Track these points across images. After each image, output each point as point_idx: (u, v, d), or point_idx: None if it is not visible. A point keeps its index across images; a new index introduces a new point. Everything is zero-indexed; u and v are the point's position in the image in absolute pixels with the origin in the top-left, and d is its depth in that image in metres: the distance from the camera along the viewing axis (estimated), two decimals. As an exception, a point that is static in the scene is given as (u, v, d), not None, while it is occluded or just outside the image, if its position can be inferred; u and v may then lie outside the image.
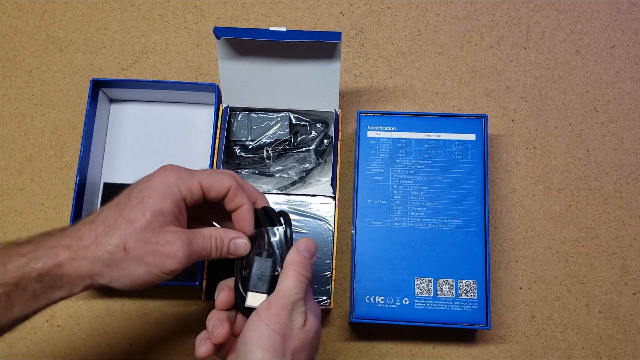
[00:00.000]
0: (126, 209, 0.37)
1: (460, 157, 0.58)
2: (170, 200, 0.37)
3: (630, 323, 0.59)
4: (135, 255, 0.36)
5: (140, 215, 0.36)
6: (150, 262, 0.37)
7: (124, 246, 0.36)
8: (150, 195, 0.37)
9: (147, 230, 0.36)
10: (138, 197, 0.37)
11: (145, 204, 0.36)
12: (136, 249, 0.36)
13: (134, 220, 0.36)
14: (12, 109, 0.66)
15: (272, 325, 0.37)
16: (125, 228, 0.36)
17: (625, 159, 0.63)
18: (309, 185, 0.60)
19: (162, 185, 0.37)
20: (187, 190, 0.38)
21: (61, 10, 0.69)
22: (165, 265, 0.37)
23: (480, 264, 0.55)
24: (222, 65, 0.57)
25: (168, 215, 0.37)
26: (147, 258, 0.36)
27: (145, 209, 0.36)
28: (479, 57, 0.67)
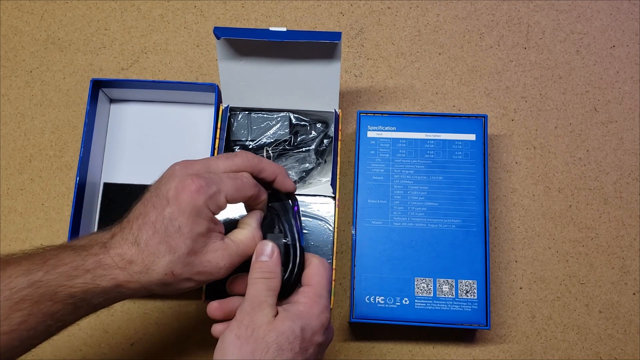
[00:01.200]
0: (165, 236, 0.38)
1: (460, 157, 0.58)
2: (204, 222, 0.38)
3: (630, 323, 0.59)
4: (184, 278, 0.39)
5: (182, 244, 0.38)
6: (198, 279, 0.39)
7: (172, 272, 0.38)
8: (185, 223, 0.38)
9: (190, 255, 0.38)
10: (174, 225, 0.38)
11: (183, 232, 0.38)
12: (183, 273, 0.38)
13: (177, 249, 0.38)
14: (12, 109, 0.66)
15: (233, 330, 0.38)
16: (170, 257, 0.38)
17: (625, 159, 0.63)
18: (309, 185, 0.60)
19: (193, 210, 0.38)
20: (215, 207, 0.39)
21: (61, 11, 0.69)
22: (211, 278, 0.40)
23: (480, 264, 0.55)
24: (222, 66, 0.57)
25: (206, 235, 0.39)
26: (194, 277, 0.39)
27: (185, 238, 0.38)
28: (479, 57, 0.67)
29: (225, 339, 0.38)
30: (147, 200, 0.39)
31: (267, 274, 0.41)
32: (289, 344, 0.38)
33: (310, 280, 0.42)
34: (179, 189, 0.38)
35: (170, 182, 0.39)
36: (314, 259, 0.43)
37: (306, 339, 0.39)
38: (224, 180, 0.40)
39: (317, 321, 0.40)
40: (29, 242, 0.61)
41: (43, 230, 0.62)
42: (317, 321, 0.40)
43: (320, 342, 0.40)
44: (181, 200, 0.38)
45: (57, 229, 0.62)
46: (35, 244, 0.61)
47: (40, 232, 0.62)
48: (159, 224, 0.38)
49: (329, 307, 0.42)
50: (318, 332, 0.40)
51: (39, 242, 0.62)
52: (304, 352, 0.39)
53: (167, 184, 0.39)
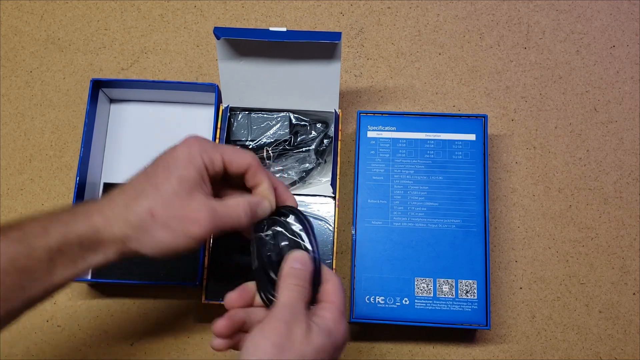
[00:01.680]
0: (153, 176, 0.39)
1: (460, 157, 0.58)
2: (193, 168, 0.39)
3: (630, 323, 0.59)
4: (161, 221, 0.37)
5: (166, 181, 0.38)
6: (175, 227, 0.38)
7: (151, 212, 0.37)
8: (175, 163, 0.39)
9: (172, 196, 0.38)
10: (164, 165, 0.39)
11: (170, 170, 0.38)
12: (162, 214, 0.37)
13: (160, 185, 0.38)
14: (12, 109, 0.66)
15: (270, 337, 0.36)
16: (152, 193, 0.38)
17: (625, 159, 0.63)
18: (309, 185, 0.60)
19: (186, 154, 0.39)
20: (209, 160, 0.40)
21: (61, 11, 0.69)
22: (189, 230, 0.38)
23: (480, 264, 0.55)
24: (222, 66, 0.57)
25: (192, 182, 0.39)
26: (172, 223, 0.38)
27: (170, 175, 0.38)
28: (479, 57, 0.67)
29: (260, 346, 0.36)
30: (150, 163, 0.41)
31: (302, 282, 0.40)
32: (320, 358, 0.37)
33: (332, 297, 0.41)
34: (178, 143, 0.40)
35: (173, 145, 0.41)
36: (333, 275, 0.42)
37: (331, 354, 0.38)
38: (224, 146, 0.42)
39: (342, 340, 0.39)
40: (29, 242, 0.61)
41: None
42: (342, 340, 0.39)
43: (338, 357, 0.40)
44: (177, 148, 0.40)
45: (57, 229, 0.62)
46: (35, 244, 0.61)
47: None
48: (150, 170, 0.39)
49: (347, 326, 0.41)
50: (340, 349, 0.39)
51: (39, 242, 0.62)
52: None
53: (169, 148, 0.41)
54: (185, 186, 0.38)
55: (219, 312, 0.60)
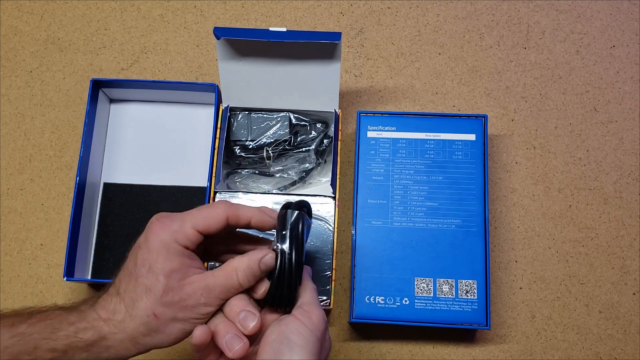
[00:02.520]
0: (140, 277, 0.38)
1: (460, 157, 0.58)
2: (175, 257, 0.38)
3: (630, 323, 0.59)
4: (167, 318, 0.38)
5: (155, 282, 0.37)
6: (182, 317, 0.38)
7: (154, 314, 0.37)
8: (155, 260, 0.38)
9: (167, 293, 0.37)
10: (145, 266, 0.38)
11: (154, 270, 0.38)
12: (165, 313, 0.38)
13: (152, 288, 0.37)
14: (12, 109, 0.66)
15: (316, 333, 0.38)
16: (147, 298, 0.37)
17: (625, 159, 0.63)
18: (309, 185, 0.60)
19: (161, 247, 0.38)
20: (185, 239, 0.38)
21: (61, 11, 0.69)
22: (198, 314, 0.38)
23: (480, 264, 0.55)
24: (222, 66, 0.57)
25: (180, 270, 0.38)
26: (178, 315, 0.38)
27: (157, 276, 0.37)
28: (479, 57, 0.67)
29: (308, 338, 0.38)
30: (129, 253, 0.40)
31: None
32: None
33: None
34: (147, 232, 0.39)
35: (144, 232, 0.39)
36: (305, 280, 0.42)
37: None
38: (190, 213, 0.39)
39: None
40: (29, 242, 0.62)
41: (43, 230, 0.62)
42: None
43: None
44: (149, 241, 0.38)
45: (57, 229, 0.62)
46: (35, 244, 0.61)
47: (40, 232, 0.62)
48: (132, 270, 0.38)
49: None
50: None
51: (39, 242, 0.62)
52: None
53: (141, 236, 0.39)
54: (176, 277, 0.38)
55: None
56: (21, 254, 0.61)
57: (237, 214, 0.40)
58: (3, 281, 0.60)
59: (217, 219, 0.39)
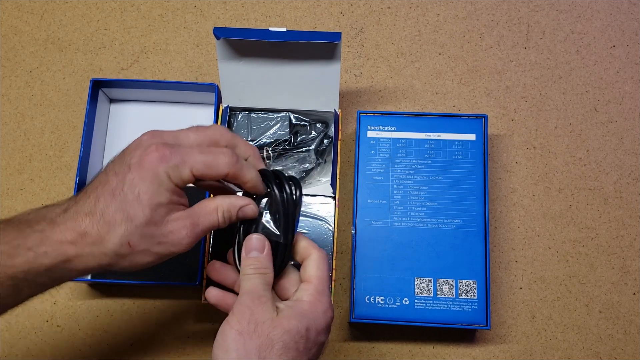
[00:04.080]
0: (124, 203, 0.36)
1: (460, 157, 0.58)
2: (165, 193, 0.37)
3: (630, 323, 0.59)
4: (141, 250, 0.37)
5: (140, 212, 0.36)
6: (157, 251, 0.37)
7: (129, 243, 0.36)
8: (146, 191, 0.36)
9: (149, 226, 0.36)
10: (133, 192, 0.36)
11: (142, 201, 0.36)
12: (141, 244, 0.36)
13: (134, 217, 0.36)
14: (12, 109, 0.66)
15: (234, 326, 0.36)
16: (126, 226, 0.36)
17: (625, 159, 0.63)
18: (309, 185, 0.60)
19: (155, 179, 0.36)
20: (179, 180, 0.37)
21: (61, 10, 0.69)
22: (172, 251, 0.38)
23: (480, 264, 0.55)
24: (222, 66, 0.57)
25: (167, 206, 0.37)
26: (153, 249, 0.37)
27: (144, 206, 0.36)
28: (479, 57, 0.67)
29: (227, 335, 0.36)
30: (109, 168, 0.38)
31: (261, 270, 0.39)
32: (295, 343, 0.36)
33: (311, 277, 0.40)
34: (142, 156, 0.36)
35: (135, 150, 0.37)
36: (314, 251, 0.41)
37: (311, 339, 0.38)
38: (192, 153, 0.37)
39: (322, 321, 0.39)
40: (28, 242, 0.61)
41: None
42: (322, 321, 0.39)
43: (324, 340, 0.39)
44: (143, 167, 0.36)
45: (57, 229, 0.62)
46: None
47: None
48: (117, 190, 0.36)
49: (331, 304, 0.40)
50: (322, 332, 0.39)
51: (38, 242, 0.62)
52: (307, 352, 0.37)
53: (131, 153, 0.37)
54: (161, 212, 0.36)
55: (219, 312, 0.60)
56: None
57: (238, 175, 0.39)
58: (3, 281, 0.60)
59: (217, 172, 0.38)
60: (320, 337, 0.39)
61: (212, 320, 0.59)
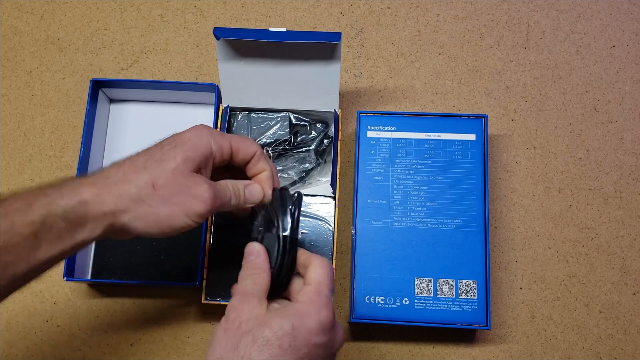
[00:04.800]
0: (157, 153, 0.38)
1: (460, 157, 0.58)
2: (201, 152, 0.39)
3: (630, 323, 0.59)
4: (163, 194, 0.37)
5: (172, 158, 0.38)
6: (176, 201, 0.37)
7: (153, 184, 0.37)
8: (183, 143, 0.39)
9: (176, 172, 0.38)
10: (171, 144, 0.39)
11: (178, 149, 0.38)
12: (164, 187, 0.37)
13: (164, 161, 0.38)
14: (12, 109, 0.66)
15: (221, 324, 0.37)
16: (154, 168, 0.37)
17: (625, 159, 0.63)
18: (309, 185, 0.60)
19: (195, 137, 0.40)
20: (218, 146, 0.40)
21: (61, 11, 0.69)
22: (191, 206, 0.38)
23: (480, 264, 0.55)
24: (222, 66, 0.57)
25: (197, 163, 0.39)
26: (174, 198, 0.37)
27: (177, 154, 0.38)
28: (479, 57, 0.67)
29: (214, 334, 0.37)
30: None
31: (253, 270, 0.41)
32: (277, 339, 0.36)
33: (311, 280, 0.41)
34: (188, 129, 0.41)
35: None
36: (315, 259, 0.42)
37: (299, 338, 0.37)
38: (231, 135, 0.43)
39: (313, 320, 0.38)
40: (28, 242, 0.61)
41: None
42: (314, 320, 0.38)
43: (319, 342, 0.38)
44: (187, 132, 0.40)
45: (57, 229, 0.62)
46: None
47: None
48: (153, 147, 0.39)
49: (331, 306, 0.40)
50: (315, 332, 0.38)
51: (38, 242, 0.62)
52: (295, 350, 0.36)
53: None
54: (189, 166, 0.38)
55: (218, 312, 0.61)
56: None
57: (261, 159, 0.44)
58: (3, 281, 0.60)
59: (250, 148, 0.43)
60: (313, 337, 0.37)
61: (212, 320, 0.59)
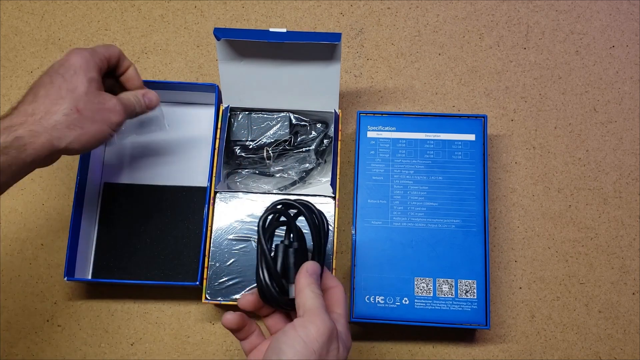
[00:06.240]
0: (64, 82, 0.45)
1: (460, 157, 0.58)
2: (94, 70, 0.46)
3: (629, 323, 0.59)
4: (87, 115, 0.45)
5: (80, 84, 0.45)
6: (99, 118, 0.46)
7: (77, 109, 0.44)
8: (80, 68, 0.45)
9: (89, 94, 0.45)
10: (69, 72, 0.45)
11: (79, 75, 0.45)
12: (86, 109, 0.45)
13: (76, 88, 0.45)
14: (12, 109, 0.66)
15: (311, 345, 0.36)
16: (71, 96, 0.44)
17: (625, 159, 0.63)
18: (309, 185, 0.60)
19: (83, 60, 0.46)
20: (100, 61, 0.47)
21: (62, 11, 0.69)
22: (110, 119, 0.47)
23: (480, 264, 0.55)
24: (223, 67, 0.57)
25: (98, 82, 0.47)
26: (97, 115, 0.46)
27: (82, 79, 0.45)
28: (479, 57, 0.67)
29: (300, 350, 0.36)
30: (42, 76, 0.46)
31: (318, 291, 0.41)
32: None
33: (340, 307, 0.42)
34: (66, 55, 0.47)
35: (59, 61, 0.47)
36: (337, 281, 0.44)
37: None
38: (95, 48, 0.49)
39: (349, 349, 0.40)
40: (29, 241, 0.62)
41: (43, 230, 0.62)
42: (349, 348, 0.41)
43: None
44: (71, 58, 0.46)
45: (58, 229, 0.62)
46: (35, 244, 0.62)
47: (40, 232, 0.62)
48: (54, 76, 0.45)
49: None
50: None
51: (39, 242, 0.62)
52: None
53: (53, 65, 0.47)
54: (95, 85, 0.46)
55: (218, 312, 0.61)
56: (22, 254, 0.61)
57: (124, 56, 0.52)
58: (3, 281, 0.60)
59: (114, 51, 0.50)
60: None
61: (212, 320, 0.59)
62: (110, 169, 0.63)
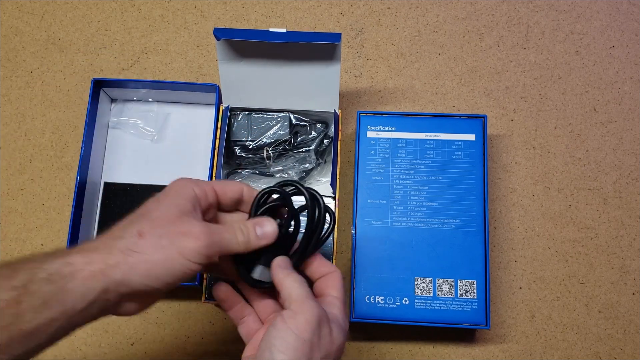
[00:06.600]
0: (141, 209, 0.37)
1: (459, 157, 0.58)
2: (185, 198, 0.37)
3: (629, 323, 0.59)
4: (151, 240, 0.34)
5: (155, 208, 0.36)
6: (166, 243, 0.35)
7: (139, 232, 0.35)
8: (166, 195, 0.37)
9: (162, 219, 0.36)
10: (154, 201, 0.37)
11: (160, 201, 0.37)
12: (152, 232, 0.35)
13: (149, 213, 0.36)
14: (12, 109, 0.66)
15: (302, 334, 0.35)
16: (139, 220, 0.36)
17: (625, 159, 0.63)
18: (309, 185, 0.60)
19: (176, 187, 0.38)
20: (201, 191, 0.38)
21: (62, 11, 0.69)
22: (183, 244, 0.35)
23: (480, 264, 0.55)
24: (223, 67, 0.57)
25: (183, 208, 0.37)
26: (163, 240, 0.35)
27: (160, 204, 0.37)
28: (479, 57, 0.67)
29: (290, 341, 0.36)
30: None
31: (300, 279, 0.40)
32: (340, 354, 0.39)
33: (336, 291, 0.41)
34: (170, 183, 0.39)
35: None
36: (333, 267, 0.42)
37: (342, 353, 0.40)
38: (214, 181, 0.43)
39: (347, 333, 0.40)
40: (29, 242, 0.62)
41: (43, 230, 0.62)
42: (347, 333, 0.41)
43: None
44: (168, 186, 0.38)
45: (58, 229, 0.62)
46: (35, 244, 0.62)
47: (40, 232, 0.62)
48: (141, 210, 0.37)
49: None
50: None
51: (39, 242, 0.62)
52: None
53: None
54: (175, 210, 0.36)
55: (218, 312, 0.61)
56: (22, 254, 0.61)
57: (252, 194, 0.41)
58: (4, 281, 0.60)
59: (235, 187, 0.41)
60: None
61: (212, 320, 0.59)
62: (110, 169, 0.63)
